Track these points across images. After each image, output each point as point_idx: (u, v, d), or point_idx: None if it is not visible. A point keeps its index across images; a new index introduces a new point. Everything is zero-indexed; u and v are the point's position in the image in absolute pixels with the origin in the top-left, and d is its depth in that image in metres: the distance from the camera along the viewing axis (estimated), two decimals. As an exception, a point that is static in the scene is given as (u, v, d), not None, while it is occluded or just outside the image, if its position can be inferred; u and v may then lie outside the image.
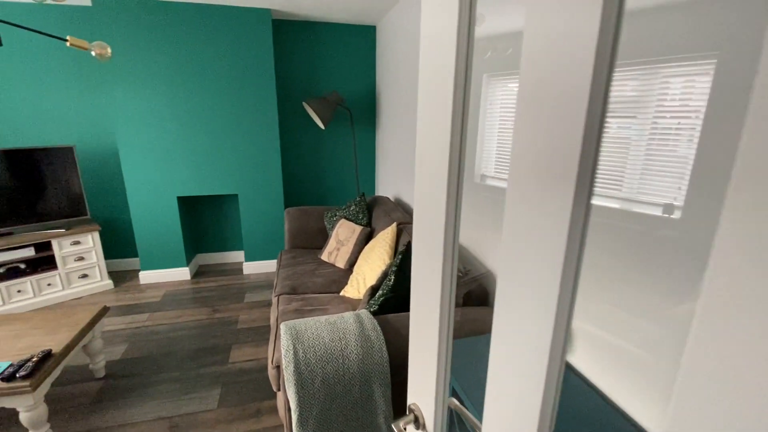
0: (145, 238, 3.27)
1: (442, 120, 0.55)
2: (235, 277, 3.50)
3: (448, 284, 0.62)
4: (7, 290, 2.79)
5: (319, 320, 1.41)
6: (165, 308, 2.93)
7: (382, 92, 3.48)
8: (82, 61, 3.10)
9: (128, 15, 2.80)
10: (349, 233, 2.65)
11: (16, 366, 1.59)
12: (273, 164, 3.35)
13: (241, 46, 3.04)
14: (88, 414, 1.89)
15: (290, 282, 2.38)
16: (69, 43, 1.47)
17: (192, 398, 1.99)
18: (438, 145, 0.57)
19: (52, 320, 1.98)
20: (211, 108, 3.11)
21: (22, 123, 3.11)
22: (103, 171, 3.37)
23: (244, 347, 2.43)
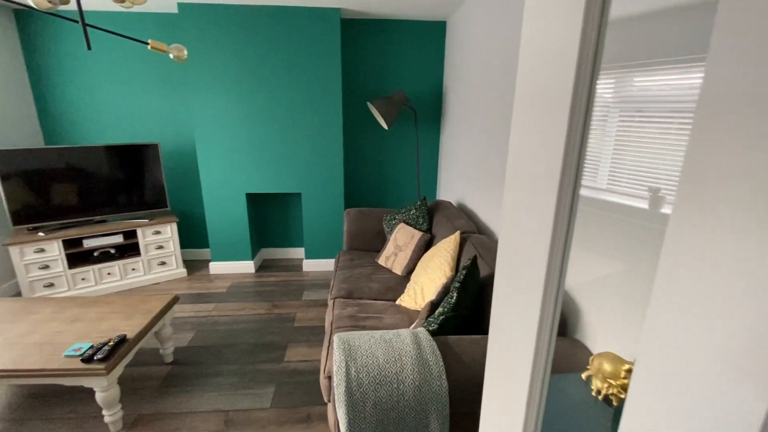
0: (216, 230, 3.47)
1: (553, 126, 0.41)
2: (295, 273, 3.57)
3: (549, 320, 0.48)
4: (99, 272, 3.11)
5: (373, 336, 1.32)
6: (230, 300, 3.06)
7: (450, 91, 3.31)
8: (167, 64, 3.35)
9: (207, 20, 2.96)
10: (408, 238, 2.53)
11: (95, 348, 1.71)
12: (335, 164, 3.35)
13: (310, 46, 3.06)
14: (154, 398, 2.00)
15: (346, 286, 2.33)
16: (150, 46, 1.54)
17: (247, 394, 2.02)
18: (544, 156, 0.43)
19: (130, 306, 2.13)
20: (279, 108, 3.19)
21: (116, 121, 3.44)
22: (182, 167, 3.63)
23: (299, 346, 2.44)
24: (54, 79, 3.30)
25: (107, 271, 3.14)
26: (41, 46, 3.23)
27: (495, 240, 2.19)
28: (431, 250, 2.23)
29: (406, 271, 2.46)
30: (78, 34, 3.23)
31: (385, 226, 2.86)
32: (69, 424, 1.83)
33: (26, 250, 2.81)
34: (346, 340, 1.29)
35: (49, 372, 1.61)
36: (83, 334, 1.86)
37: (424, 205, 2.70)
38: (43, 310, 2.09)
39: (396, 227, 2.69)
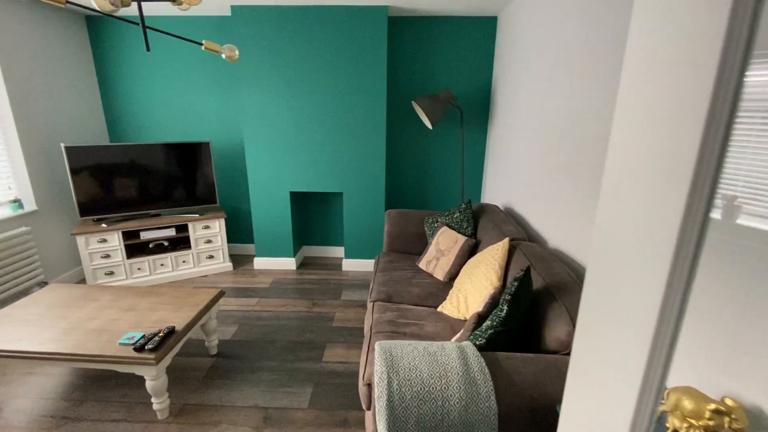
0: (260, 227, 3.55)
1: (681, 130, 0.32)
2: (335, 272, 3.58)
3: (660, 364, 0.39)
4: (153, 263, 3.29)
5: (416, 347, 1.25)
6: (272, 295, 3.12)
7: (499, 89, 3.16)
8: (219, 66, 3.47)
9: (258, 21, 3.02)
10: (451, 243, 2.44)
11: (147, 338, 1.78)
12: (377, 165, 3.31)
13: (356, 45, 3.05)
14: (199, 388, 2.06)
15: (386, 289, 2.28)
16: (204, 46, 1.58)
17: (286, 392, 2.03)
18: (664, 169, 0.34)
19: (180, 298, 2.21)
20: (323, 108, 3.20)
21: (172, 120, 3.63)
22: (231, 164, 3.75)
23: (337, 347, 2.42)
24: (118, 81, 3.53)
25: (160, 262, 3.31)
26: (108, 51, 3.46)
27: (548, 249, 2.05)
28: (476, 257, 2.12)
29: (448, 277, 2.37)
30: (139, 37, 3.43)
31: (426, 229, 2.78)
32: (121, 408, 1.92)
33: (91, 239, 3.03)
34: (388, 349, 1.24)
35: (104, 358, 1.70)
36: (136, 323, 1.95)
37: (468, 208, 2.59)
38: (102, 297, 2.23)
39: (438, 230, 2.60)
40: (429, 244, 2.62)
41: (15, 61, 2.79)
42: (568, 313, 1.32)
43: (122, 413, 1.89)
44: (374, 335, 1.85)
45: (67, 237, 3.29)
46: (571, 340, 1.27)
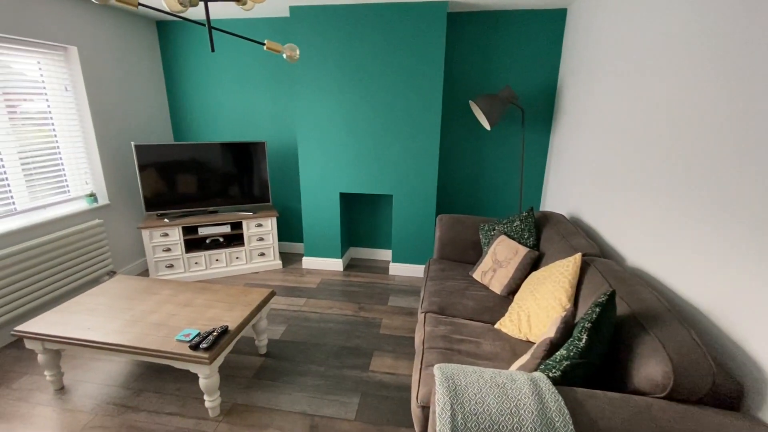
0: (310, 226, 3.57)
1: None
2: (382, 276, 3.51)
3: None
4: (209, 258, 3.41)
5: (482, 375, 1.12)
6: (319, 296, 3.11)
7: (567, 87, 2.91)
8: (277, 68, 3.52)
9: (315, 22, 3.02)
10: (510, 254, 2.26)
11: (201, 336, 1.81)
12: (429, 167, 3.19)
13: (412, 44, 2.94)
14: (248, 388, 2.07)
15: (438, 300, 2.16)
16: (266, 47, 1.55)
17: (333, 401, 1.98)
18: None
19: (233, 296, 2.24)
20: (376, 109, 3.13)
21: (230, 120, 3.74)
22: (284, 164, 3.81)
23: (384, 356, 2.34)
24: (182, 83, 3.70)
25: (216, 257, 3.43)
26: (174, 54, 3.64)
27: (627, 268, 1.82)
28: (541, 272, 1.94)
29: (507, 291, 2.19)
30: (202, 41, 3.57)
31: (481, 237, 2.62)
32: (176, 401, 1.97)
33: (154, 233, 3.19)
34: (451, 376, 1.12)
35: (163, 354, 1.74)
36: (192, 320, 1.99)
37: (530, 216, 2.39)
38: (162, 291, 2.31)
39: (495, 239, 2.43)
40: (484, 254, 2.46)
41: (94, 65, 3.00)
42: (665, 348, 1.13)
43: (176, 407, 1.94)
44: (427, 350, 1.74)
45: (133, 230, 3.51)
46: (668, 382, 1.08)
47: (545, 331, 1.51)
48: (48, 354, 1.96)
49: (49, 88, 2.76)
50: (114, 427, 1.81)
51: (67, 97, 2.90)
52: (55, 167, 2.84)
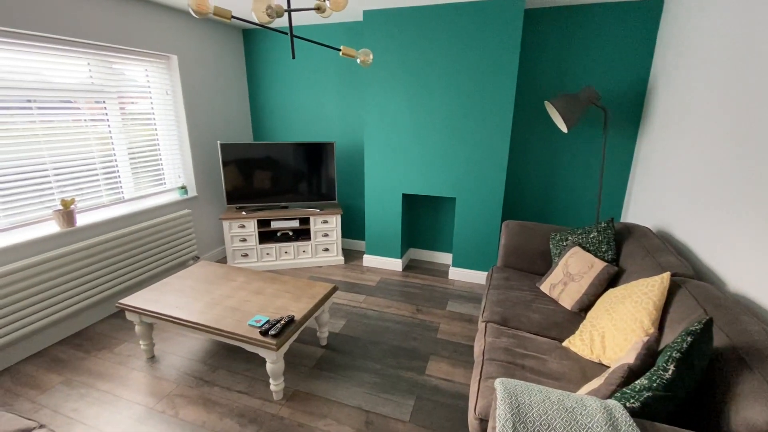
0: (372, 225, 3.64)
1: None
2: (441, 279, 3.47)
3: None
4: (279, 250, 3.64)
5: (549, 396, 1.06)
6: (378, 294, 3.17)
7: (660, 87, 2.62)
8: (345, 69, 3.63)
9: (387, 25, 3.06)
10: (585, 267, 2.10)
11: (270, 323, 1.93)
12: (497, 170, 3.07)
13: (485, 43, 2.85)
14: (308, 377, 2.17)
15: (501, 310, 2.08)
16: (342, 52, 1.61)
17: (388, 400, 2.00)
18: None
19: (299, 289, 2.37)
20: (445, 110, 3.09)
21: (303, 121, 3.95)
22: (350, 163, 3.93)
23: (441, 362, 2.31)
24: (262, 86, 3.98)
25: (285, 250, 3.65)
26: (257, 59, 3.93)
27: (728, 293, 1.60)
28: (619, 289, 1.77)
29: (578, 307, 2.04)
30: (281, 47, 3.81)
31: (552, 247, 2.46)
32: (245, 381, 2.14)
33: (233, 224, 3.48)
34: (514, 393, 1.07)
35: (236, 336, 1.89)
36: (262, 307, 2.14)
37: (610, 227, 2.20)
38: (238, 278, 2.52)
39: (568, 250, 2.27)
40: (555, 265, 2.31)
41: (190, 71, 3.35)
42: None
43: (245, 386, 2.10)
44: (487, 362, 1.68)
45: (216, 220, 3.86)
46: (779, 433, 0.93)
47: (622, 356, 1.38)
48: (144, 326, 2.24)
49: (154, 91, 3.14)
50: (192, 398, 2.01)
51: (167, 100, 3.27)
52: (155, 161, 3.23)
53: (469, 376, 2.20)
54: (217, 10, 1.38)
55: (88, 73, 2.64)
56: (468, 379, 2.16)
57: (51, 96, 2.43)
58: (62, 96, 2.49)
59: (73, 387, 2.08)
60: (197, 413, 1.91)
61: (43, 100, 2.39)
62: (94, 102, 2.70)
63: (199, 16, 1.37)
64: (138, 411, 1.92)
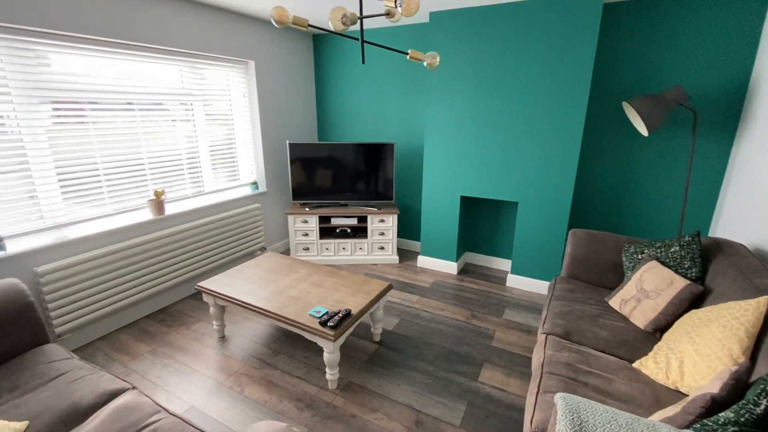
0: (428, 227, 3.64)
1: None
2: (498, 286, 3.37)
3: None
4: (337, 246, 3.78)
5: (616, 418, 1.00)
6: (431, 296, 3.16)
7: (765, 85, 2.31)
8: (407, 71, 3.66)
9: (453, 26, 3.03)
10: (663, 284, 1.92)
11: (329, 315, 2.03)
12: (565, 175, 2.91)
13: (557, 41, 2.72)
14: (361, 370, 2.24)
15: (564, 322, 1.97)
16: (409, 56, 1.64)
17: (439, 402, 2.00)
18: None
19: (356, 284, 2.45)
20: (509, 112, 3.00)
21: (364, 122, 4.05)
22: (408, 164, 3.96)
23: (495, 370, 2.25)
24: (328, 88, 4.16)
25: (342, 246, 3.78)
26: (324, 62, 4.11)
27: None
28: (704, 311, 1.60)
29: (653, 327, 1.88)
30: (346, 50, 3.94)
31: (624, 260, 2.28)
32: (303, 367, 2.26)
33: (297, 219, 3.69)
34: (576, 410, 1.03)
35: (298, 324, 2.01)
36: (321, 299, 2.25)
37: (695, 242, 1.99)
38: (300, 270, 2.66)
39: (643, 264, 2.09)
40: (627, 279, 2.14)
41: (264, 75, 3.60)
42: None
43: (302, 372, 2.22)
44: (546, 375, 1.62)
45: (281, 215, 4.11)
46: None
47: (704, 384, 1.25)
48: (217, 308, 2.46)
49: (233, 94, 3.43)
50: (256, 377, 2.17)
51: (244, 102, 3.55)
52: (231, 158, 3.52)
53: (524, 387, 2.12)
54: (295, 19, 1.48)
55: (180, 78, 2.95)
56: (523, 391, 2.09)
57: (148, 98, 2.76)
58: (158, 98, 2.82)
59: (157, 357, 2.36)
60: (260, 393, 2.06)
61: (142, 102, 2.73)
62: (180, 104, 3.01)
63: (280, 26, 1.47)
64: (209, 384, 2.12)
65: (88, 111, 2.43)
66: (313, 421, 1.88)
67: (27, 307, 1.79)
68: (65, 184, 2.37)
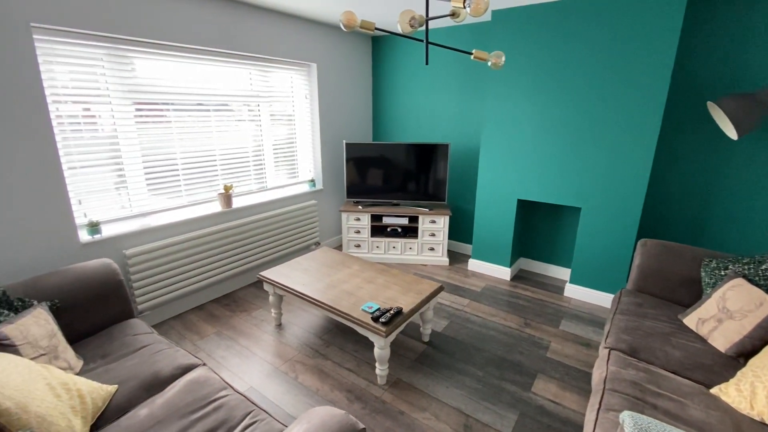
0: (481, 230, 3.56)
1: None
2: (554, 295, 3.22)
3: None
4: (387, 244, 3.82)
5: (693, 444, 0.92)
6: (482, 300, 3.10)
7: None
8: (463, 71, 3.61)
9: (517, 24, 2.94)
10: (751, 305, 1.72)
11: (381, 311, 2.06)
12: (636, 181, 2.70)
13: (632, 36, 2.53)
14: (410, 369, 2.26)
15: (630, 338, 1.85)
16: (473, 56, 1.63)
17: (488, 408, 1.96)
18: None
19: (407, 283, 2.47)
20: (574, 110, 2.85)
21: (419, 122, 4.05)
22: (462, 165, 3.90)
23: (549, 382, 2.16)
24: (385, 88, 4.22)
25: (393, 245, 3.82)
26: (382, 64, 4.17)
27: None
28: (804, 338, 1.42)
29: (736, 351, 1.69)
30: (405, 52, 3.96)
31: (703, 275, 2.08)
32: (353, 360, 2.33)
33: (350, 216, 3.79)
34: (646, 430, 0.96)
35: (351, 318, 2.08)
36: (373, 295, 2.29)
37: (793, 261, 1.76)
38: (353, 266, 2.74)
39: (727, 282, 1.89)
40: (706, 297, 1.95)
41: (325, 77, 3.74)
42: None
43: (352, 365, 2.28)
44: (609, 392, 1.52)
45: (336, 212, 4.24)
46: None
47: (803, 420, 1.11)
48: (276, 297, 2.61)
49: (295, 95, 3.60)
50: (310, 365, 2.27)
51: (305, 103, 3.72)
52: (292, 156, 3.70)
53: (581, 403, 2.01)
54: (363, 23, 1.53)
55: (249, 81, 3.16)
56: (580, 407, 1.98)
57: (220, 99, 2.99)
58: (229, 100, 3.04)
59: (222, 338, 2.55)
60: (313, 380, 2.15)
61: (214, 103, 2.96)
62: (248, 105, 3.22)
63: (348, 29, 1.53)
64: (267, 368, 2.26)
65: (167, 111, 2.69)
66: (362, 413, 1.93)
67: (118, 285, 2.03)
68: (149, 177, 2.64)
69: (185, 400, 1.46)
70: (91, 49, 2.24)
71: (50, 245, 2.17)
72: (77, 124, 2.26)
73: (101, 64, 2.30)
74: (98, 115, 2.34)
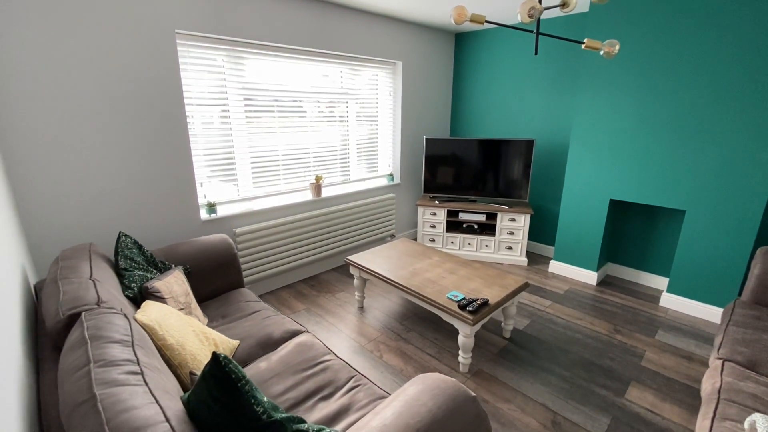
0: (565, 231, 3.42)
1: None
2: (648, 304, 2.99)
3: None
4: (463, 240, 3.83)
5: None
6: (565, 303, 2.98)
7: None
8: (551, 65, 3.47)
9: (616, 12, 2.77)
10: None
11: (467, 301, 2.11)
12: (756, 182, 2.42)
13: (758, 27, 2.26)
14: (491, 361, 2.27)
15: (747, 351, 1.68)
16: (585, 45, 1.60)
17: (579, 409, 1.91)
18: None
19: (490, 277, 2.47)
20: (681, 106, 2.62)
21: (502, 118, 3.99)
22: (548, 163, 3.77)
23: (645, 391, 2.03)
24: (466, 84, 4.21)
25: (468, 241, 3.82)
26: (464, 60, 4.17)
27: None
28: None
29: None
30: (488, 46, 3.92)
31: None
32: (434, 347, 2.39)
33: (426, 211, 3.86)
34: (789, 434, 0.90)
35: (436, 304, 2.15)
36: (456, 286, 2.34)
37: None
38: (433, 257, 2.80)
39: None
40: None
41: (409, 75, 3.85)
42: None
43: (434, 352, 2.35)
44: (724, 402, 1.42)
45: (412, 206, 4.35)
46: None
47: None
48: (360, 280, 2.77)
49: (380, 92, 3.76)
50: (392, 346, 2.39)
51: (389, 100, 3.86)
52: (373, 151, 3.87)
53: (683, 416, 1.87)
54: (473, 16, 1.58)
55: (340, 79, 3.37)
56: (682, 419, 1.84)
57: (314, 97, 3.23)
58: (321, 97, 3.27)
59: (311, 314, 2.77)
60: (396, 360, 2.26)
61: (309, 100, 3.20)
62: (336, 102, 3.44)
63: (458, 23, 1.60)
64: (353, 345, 2.42)
65: (272, 110, 2.98)
66: (446, 396, 1.99)
67: (233, 257, 2.31)
68: (255, 166, 2.95)
69: (296, 360, 1.64)
70: (215, 52, 2.58)
71: (181, 220, 2.54)
72: (203, 117, 2.62)
73: (222, 65, 2.62)
74: (222, 110, 2.68)
